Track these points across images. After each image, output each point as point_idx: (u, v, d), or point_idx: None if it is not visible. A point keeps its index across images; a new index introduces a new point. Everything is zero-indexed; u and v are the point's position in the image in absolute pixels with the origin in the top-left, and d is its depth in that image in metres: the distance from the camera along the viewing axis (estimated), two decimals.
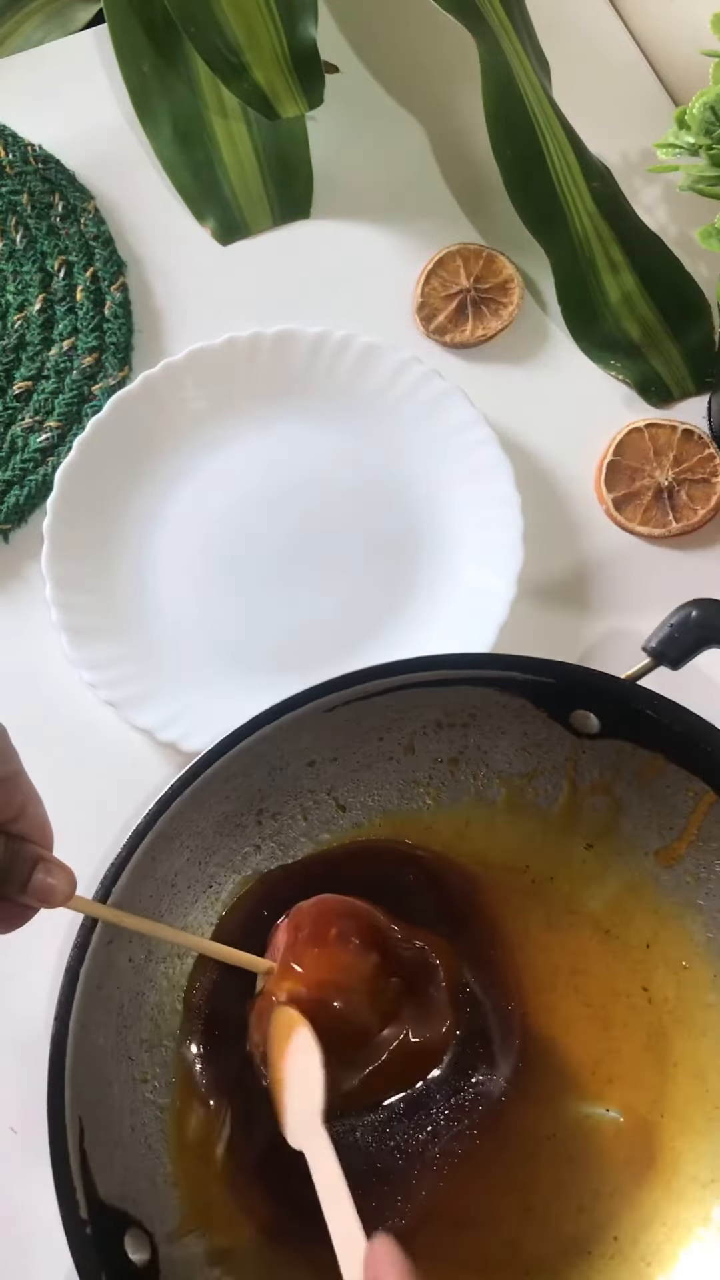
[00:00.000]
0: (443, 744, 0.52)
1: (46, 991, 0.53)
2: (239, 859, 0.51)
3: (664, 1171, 0.48)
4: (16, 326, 0.62)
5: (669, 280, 0.63)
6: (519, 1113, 0.49)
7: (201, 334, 0.59)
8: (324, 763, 0.51)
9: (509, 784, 0.52)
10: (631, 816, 0.51)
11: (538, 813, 0.52)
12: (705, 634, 0.48)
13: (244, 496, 0.59)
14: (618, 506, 0.60)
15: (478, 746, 0.52)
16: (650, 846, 0.51)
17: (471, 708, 0.50)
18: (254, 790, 0.50)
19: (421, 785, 0.53)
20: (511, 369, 0.64)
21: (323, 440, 0.60)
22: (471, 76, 0.57)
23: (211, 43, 0.58)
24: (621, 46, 0.69)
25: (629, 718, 0.48)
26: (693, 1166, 0.48)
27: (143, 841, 0.45)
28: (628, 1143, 0.49)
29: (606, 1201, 0.48)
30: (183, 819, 0.47)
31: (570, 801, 0.52)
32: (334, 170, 0.65)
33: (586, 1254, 0.47)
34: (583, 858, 0.52)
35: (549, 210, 0.61)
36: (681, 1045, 0.50)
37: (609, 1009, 0.50)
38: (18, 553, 0.60)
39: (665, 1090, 0.49)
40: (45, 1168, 0.43)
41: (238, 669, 0.57)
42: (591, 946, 0.51)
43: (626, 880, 0.51)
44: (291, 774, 0.51)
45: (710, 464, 0.60)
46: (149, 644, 0.57)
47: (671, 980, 0.50)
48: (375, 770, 0.52)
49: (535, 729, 0.51)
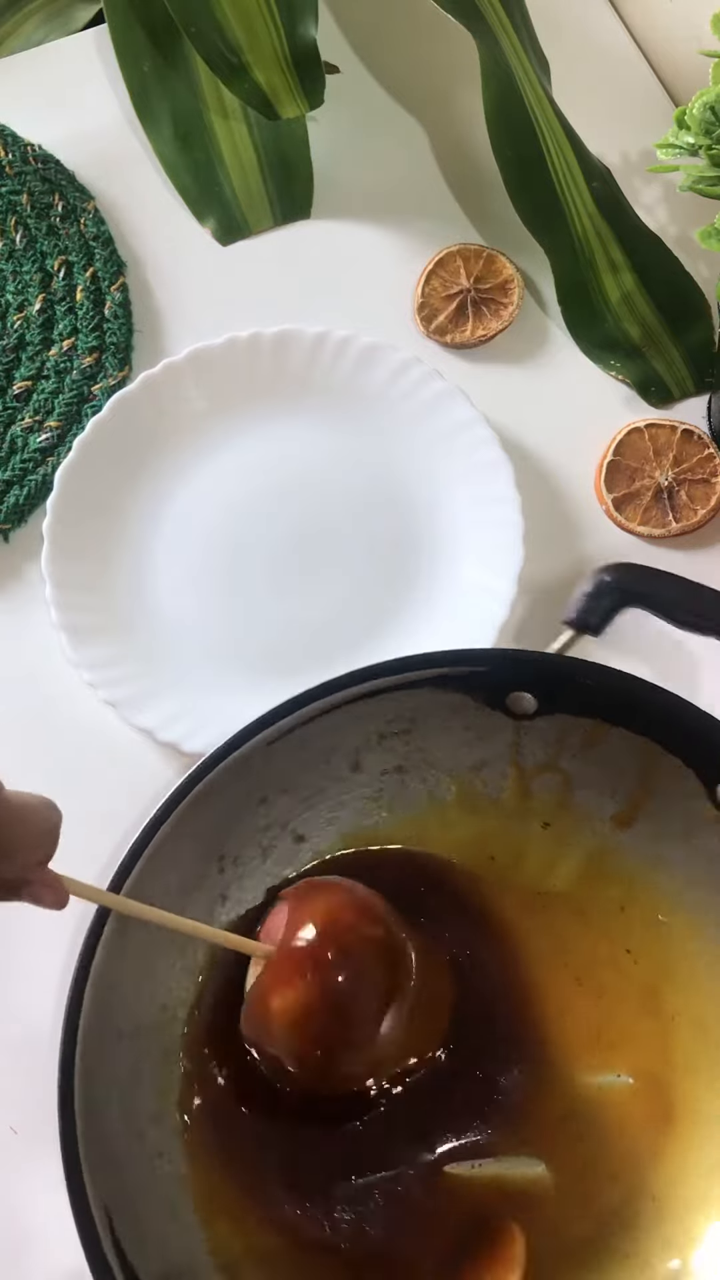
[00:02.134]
0: (388, 754, 0.52)
1: (47, 992, 0.53)
2: (207, 914, 0.50)
3: (684, 1120, 0.49)
4: (16, 326, 0.62)
5: (669, 280, 0.63)
6: (533, 1098, 0.49)
7: (201, 334, 0.59)
8: (275, 796, 0.51)
9: (458, 780, 0.52)
10: (582, 788, 0.51)
11: (491, 802, 0.52)
12: (621, 596, 0.49)
13: (244, 496, 0.59)
14: (618, 506, 0.60)
15: (422, 749, 0.52)
16: (606, 813, 0.51)
17: (410, 712, 0.50)
18: (211, 840, 0.49)
19: (374, 799, 0.53)
20: (511, 369, 0.64)
21: (323, 440, 0.60)
22: (471, 76, 0.57)
23: (212, 43, 0.58)
24: (621, 46, 0.69)
25: (562, 691, 0.49)
26: (711, 1107, 0.49)
27: (105, 924, 0.44)
28: (644, 1102, 0.49)
29: (636, 1166, 0.48)
30: (145, 885, 0.45)
31: (520, 785, 0.52)
32: (334, 170, 0.65)
33: (629, 1219, 0.48)
34: (542, 838, 0.52)
35: (549, 210, 0.61)
36: (674, 997, 0.50)
37: (598, 978, 0.51)
38: (18, 553, 0.60)
39: (668, 1044, 0.50)
40: (45, 1168, 0.43)
41: (238, 668, 0.57)
42: (569, 922, 0.51)
43: (589, 850, 0.52)
44: (245, 815, 0.50)
45: (710, 464, 0.60)
46: (149, 644, 0.57)
47: (652, 937, 0.51)
48: (327, 794, 0.52)
49: (475, 720, 0.50)
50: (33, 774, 0.57)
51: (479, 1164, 0.48)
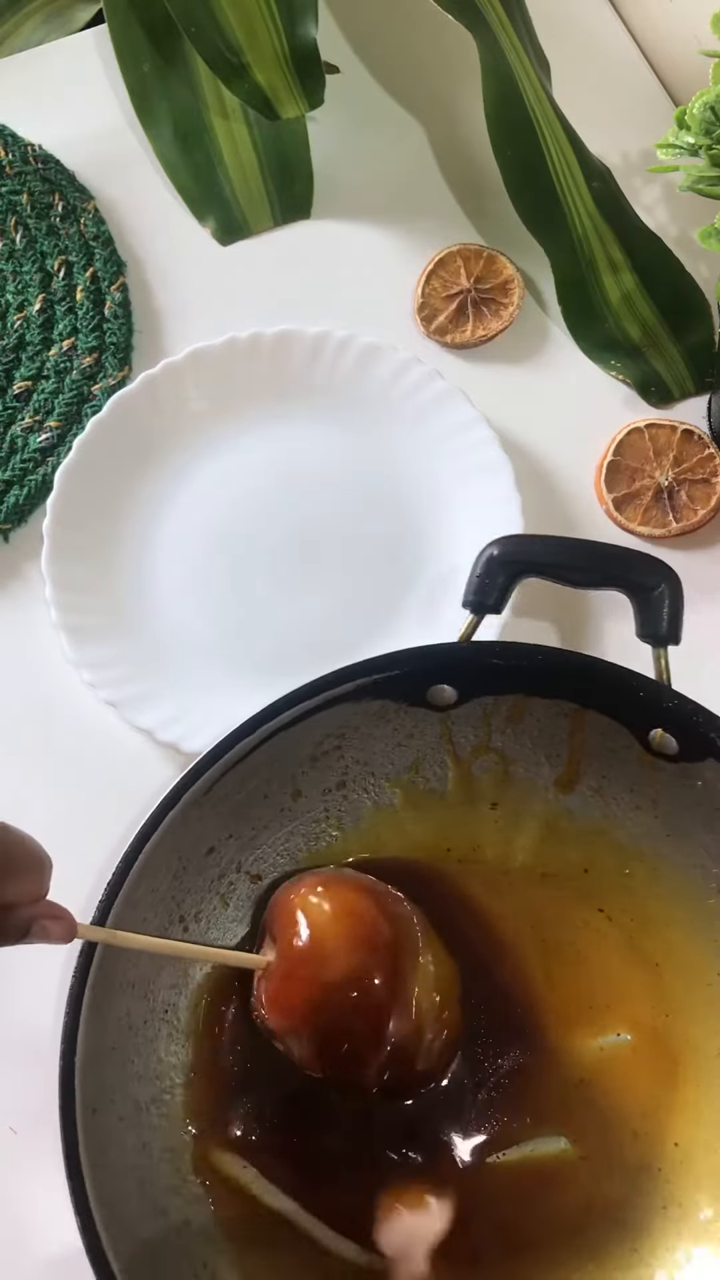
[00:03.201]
0: (325, 774, 0.52)
1: (47, 992, 0.53)
2: (182, 976, 0.49)
3: (691, 1065, 0.50)
4: (16, 326, 0.62)
5: (669, 280, 0.63)
6: (540, 1076, 0.50)
7: (201, 334, 0.59)
8: (222, 844, 0.50)
9: (399, 783, 0.53)
10: (519, 763, 0.52)
11: (436, 797, 0.53)
12: (511, 569, 0.50)
13: (244, 496, 0.59)
14: (618, 507, 0.60)
15: (357, 761, 0.52)
16: (547, 780, 0.52)
17: (337, 729, 0.50)
18: (168, 901, 0.48)
19: (322, 821, 0.53)
20: (511, 369, 0.64)
21: (323, 440, 0.60)
22: (471, 76, 0.57)
23: (212, 43, 0.58)
24: (621, 46, 0.69)
25: (477, 675, 0.49)
26: (711, 1045, 0.49)
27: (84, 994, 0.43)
28: (648, 1055, 0.50)
29: (653, 1118, 0.49)
30: (114, 959, 0.45)
31: (459, 774, 0.52)
32: (334, 170, 0.65)
33: (657, 1171, 0.48)
34: (493, 819, 0.53)
35: (549, 210, 0.61)
36: (653, 945, 0.51)
37: (577, 944, 0.51)
38: (18, 553, 0.60)
39: (659, 992, 0.50)
40: (45, 1168, 0.43)
41: (238, 669, 0.57)
42: (537, 895, 0.52)
43: (541, 821, 0.52)
44: (194, 871, 0.49)
45: (710, 464, 0.60)
46: (149, 644, 0.57)
47: (620, 891, 0.52)
48: (273, 829, 0.51)
49: (402, 721, 0.51)
50: (33, 774, 0.57)
51: (502, 1155, 0.48)
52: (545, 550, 0.51)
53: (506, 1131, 0.49)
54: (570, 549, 0.51)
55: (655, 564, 0.49)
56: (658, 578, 0.49)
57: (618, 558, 0.50)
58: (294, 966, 0.46)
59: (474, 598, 0.50)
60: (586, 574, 0.50)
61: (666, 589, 0.49)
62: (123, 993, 0.46)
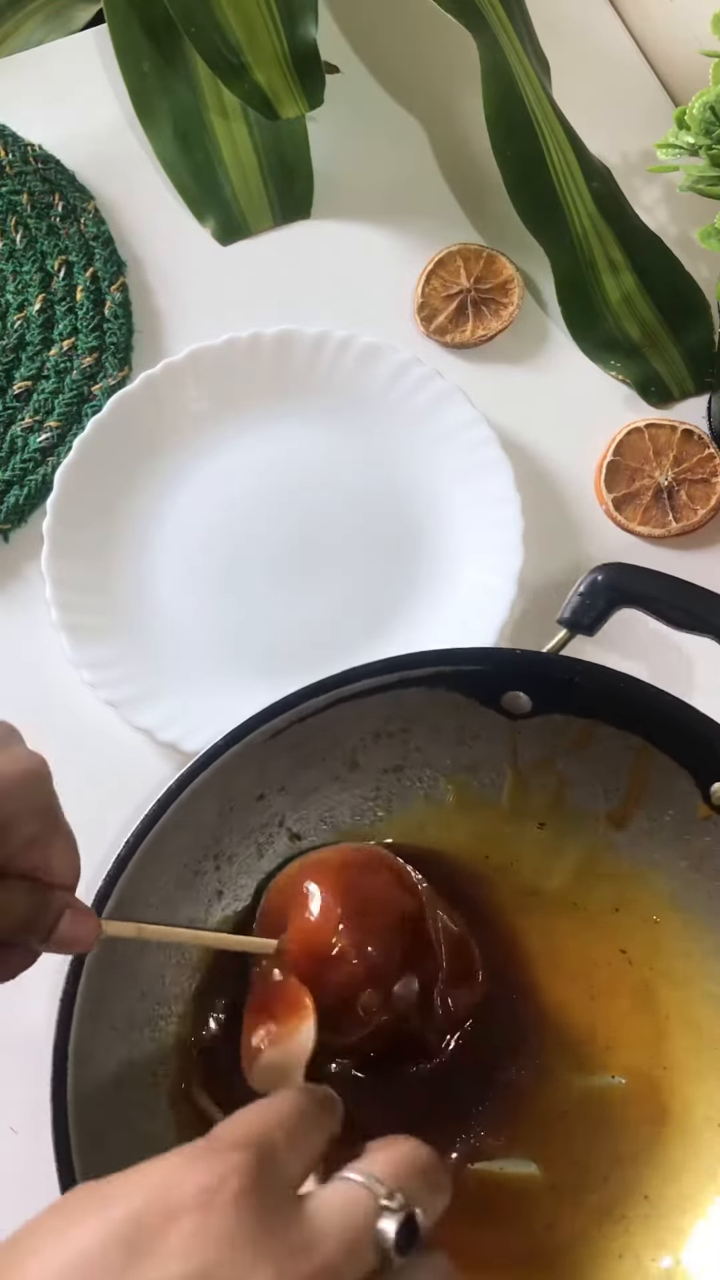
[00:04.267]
0: (385, 754, 0.51)
1: (46, 991, 0.53)
2: (203, 911, 0.50)
3: (678, 1122, 0.49)
4: (16, 326, 0.62)
5: (669, 280, 0.63)
6: (527, 1098, 0.49)
7: (201, 334, 0.59)
8: (272, 794, 0.50)
9: (454, 781, 0.52)
10: (577, 787, 0.51)
11: (487, 803, 0.52)
12: (614, 596, 0.50)
13: (244, 496, 0.59)
14: (618, 506, 0.60)
15: (419, 749, 0.52)
16: (600, 812, 0.51)
17: (407, 711, 0.50)
18: (208, 836, 0.49)
19: (371, 799, 0.52)
20: (511, 369, 0.64)
21: (323, 440, 0.60)
22: (471, 76, 0.57)
23: (211, 43, 0.58)
24: (621, 46, 0.69)
25: (557, 690, 0.49)
26: (705, 1109, 0.49)
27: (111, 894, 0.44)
28: (638, 1103, 0.49)
29: (630, 1165, 0.48)
30: (143, 875, 0.45)
31: (516, 785, 0.52)
32: (334, 170, 0.65)
33: (621, 1219, 0.48)
34: (537, 837, 0.52)
35: (549, 210, 0.61)
36: (668, 997, 0.50)
37: (592, 978, 0.51)
38: (18, 553, 0.60)
39: (662, 1045, 0.50)
40: (45, 1168, 0.43)
41: (238, 668, 0.57)
42: (563, 922, 0.51)
43: (583, 851, 0.52)
44: (241, 812, 0.50)
45: (710, 464, 0.60)
46: (149, 644, 0.57)
47: (646, 937, 0.51)
48: (323, 793, 0.52)
49: (471, 720, 0.50)
50: None
51: (471, 1165, 0.48)
52: (652, 585, 0.51)
53: (482, 1143, 0.48)
54: (677, 590, 0.51)
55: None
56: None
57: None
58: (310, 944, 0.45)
59: (570, 615, 0.50)
60: (688, 617, 0.50)
61: None
62: (145, 910, 0.46)
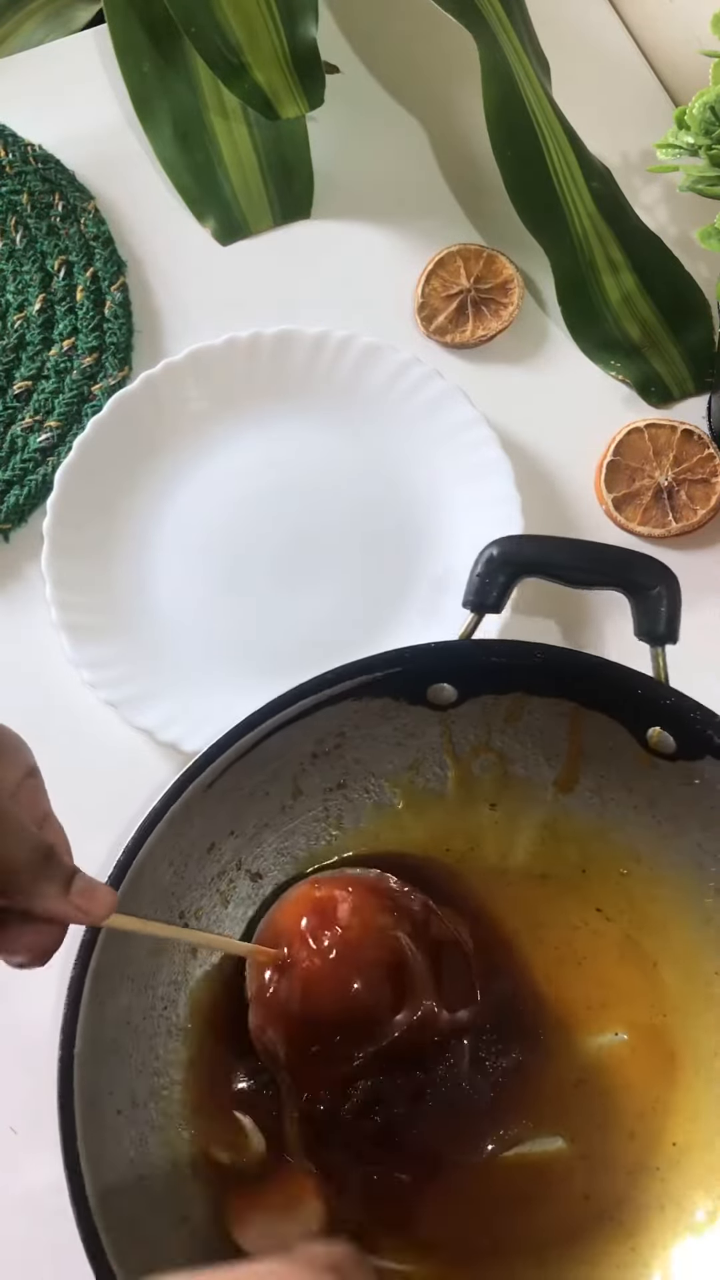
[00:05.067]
0: (326, 773, 0.52)
1: (47, 992, 0.53)
2: (180, 973, 0.49)
3: (689, 1063, 0.50)
4: (16, 326, 0.62)
5: (669, 280, 0.63)
6: (537, 1078, 0.50)
7: (201, 334, 0.59)
8: (223, 840, 0.50)
9: (399, 783, 0.53)
10: (519, 762, 0.52)
11: (435, 797, 0.53)
12: (512, 569, 0.50)
13: (244, 496, 0.59)
14: (618, 506, 0.60)
15: (357, 760, 0.52)
16: (546, 781, 0.52)
17: (337, 726, 0.50)
18: (169, 897, 0.49)
19: (322, 820, 0.53)
20: (511, 369, 0.64)
21: (323, 440, 0.60)
22: (471, 76, 0.57)
23: (211, 43, 0.58)
24: (621, 46, 0.69)
25: (477, 674, 0.49)
26: (711, 1042, 0.49)
27: (84, 988, 0.43)
28: (645, 1054, 0.50)
29: (651, 1117, 0.49)
30: (116, 950, 0.45)
31: (459, 774, 0.53)
32: (334, 170, 0.65)
33: (655, 1170, 0.48)
34: (492, 819, 0.53)
35: (549, 210, 0.61)
36: (651, 945, 0.51)
37: (575, 943, 0.51)
38: (18, 553, 0.60)
39: (656, 992, 0.50)
40: (45, 1167, 0.43)
41: (238, 669, 0.57)
42: (535, 895, 0.52)
43: (539, 821, 0.52)
44: (196, 866, 0.49)
45: (710, 464, 0.60)
46: (149, 644, 0.57)
47: (618, 891, 0.52)
48: (273, 827, 0.52)
49: (402, 721, 0.51)
50: None
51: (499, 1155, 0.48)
52: (544, 550, 0.51)
53: (504, 1132, 0.49)
54: (569, 549, 0.51)
55: (653, 564, 0.49)
56: (655, 578, 0.49)
57: (616, 558, 0.50)
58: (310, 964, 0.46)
59: (474, 597, 0.50)
60: (585, 574, 0.51)
61: (664, 589, 0.49)
62: (123, 986, 0.46)
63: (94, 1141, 0.43)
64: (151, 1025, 0.48)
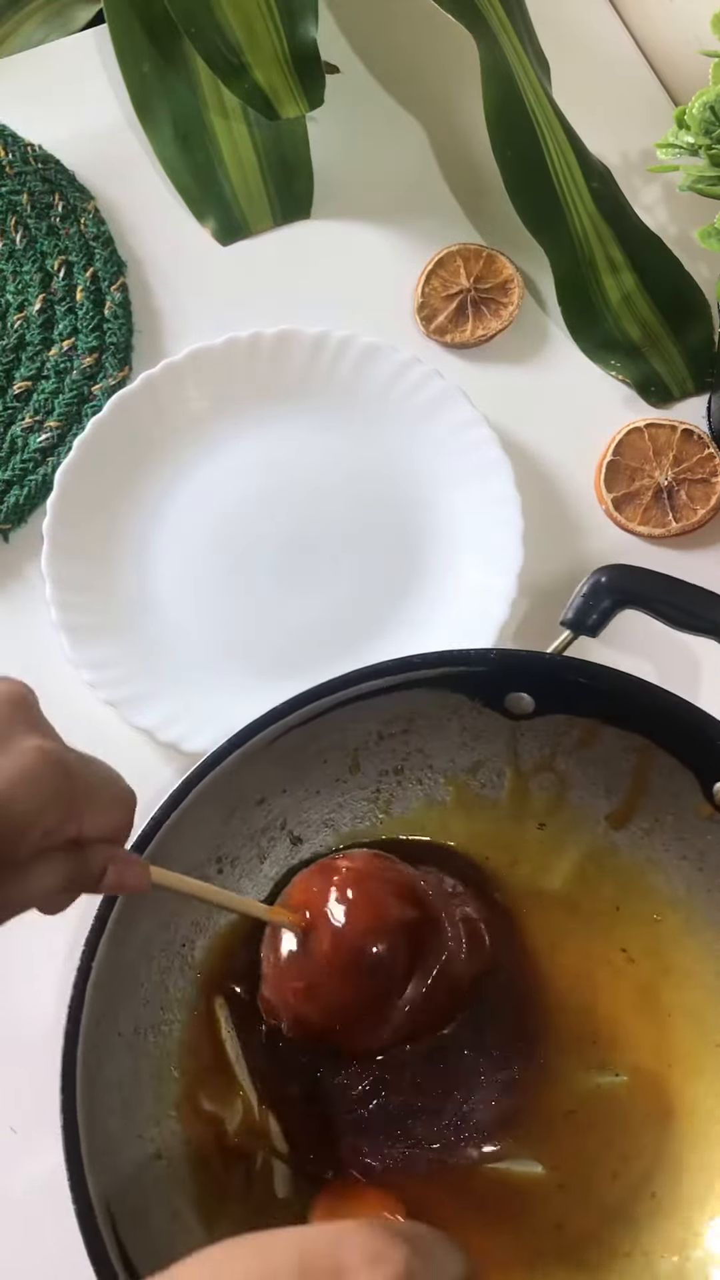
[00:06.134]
0: (386, 755, 0.52)
1: (47, 992, 0.53)
2: (204, 915, 0.50)
3: (684, 1117, 0.49)
4: (16, 326, 0.62)
5: (669, 280, 0.63)
6: (531, 1099, 0.49)
7: (201, 334, 0.59)
8: (274, 797, 0.51)
9: (455, 782, 0.53)
10: (578, 788, 0.52)
11: (487, 804, 0.53)
12: (617, 597, 0.50)
13: (244, 496, 0.59)
14: (618, 506, 0.60)
15: (419, 750, 0.52)
16: (601, 813, 0.52)
17: (408, 712, 0.50)
18: (211, 840, 0.49)
19: (371, 801, 0.53)
20: (511, 369, 0.64)
21: (323, 440, 0.60)
22: (471, 76, 0.57)
23: (212, 43, 0.58)
24: (621, 46, 0.69)
25: (560, 690, 0.49)
26: (710, 1104, 0.49)
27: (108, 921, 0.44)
28: (643, 1100, 0.49)
29: (637, 1162, 0.48)
30: None
31: (516, 786, 0.52)
32: (334, 170, 0.65)
33: (630, 1217, 0.48)
34: (538, 838, 0.52)
35: (549, 210, 0.61)
36: (670, 994, 0.50)
37: (594, 977, 0.51)
38: (18, 553, 0.60)
39: (665, 1041, 0.50)
40: (45, 1167, 0.43)
41: (238, 669, 0.57)
42: (563, 922, 0.51)
43: (584, 851, 0.52)
44: (243, 816, 0.50)
45: (710, 464, 0.60)
46: (149, 644, 0.57)
47: (647, 936, 0.51)
48: (324, 796, 0.52)
49: (472, 721, 0.51)
50: None
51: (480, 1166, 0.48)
52: (653, 586, 0.51)
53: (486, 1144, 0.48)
54: (687, 594, 0.51)
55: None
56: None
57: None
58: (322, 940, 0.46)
59: (574, 616, 0.50)
60: (690, 618, 0.51)
61: None
62: (147, 916, 0.47)
63: (91, 1059, 0.43)
64: (167, 960, 0.48)
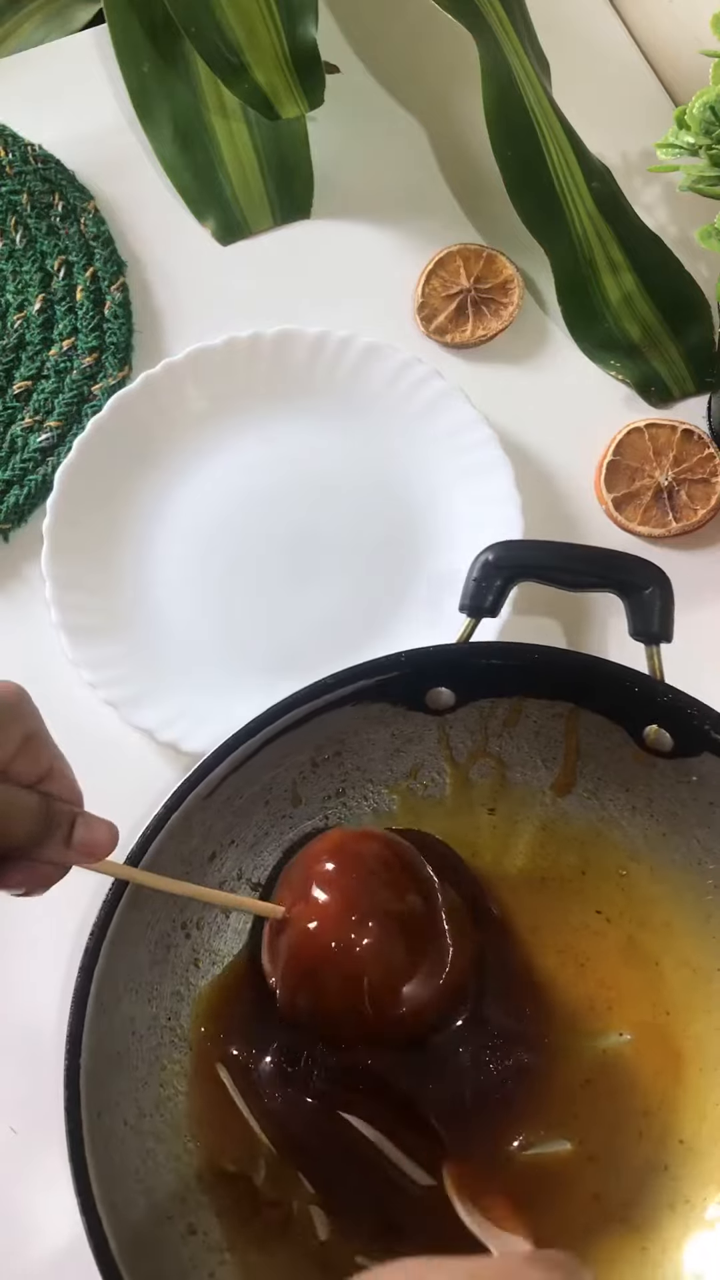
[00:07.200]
0: (325, 780, 0.52)
1: (48, 992, 0.53)
2: (182, 982, 0.49)
3: (694, 1061, 0.50)
4: (16, 326, 0.62)
5: (669, 280, 0.63)
6: (542, 1081, 0.50)
7: (201, 334, 0.59)
8: (223, 850, 0.50)
9: (398, 789, 0.53)
10: (516, 766, 0.52)
11: (434, 803, 0.53)
12: (508, 573, 0.50)
13: (244, 497, 0.59)
14: (618, 506, 0.60)
15: (356, 767, 0.52)
16: (544, 785, 0.52)
17: (337, 734, 0.50)
18: (171, 907, 0.48)
19: (321, 829, 0.52)
20: (511, 369, 0.64)
21: (323, 440, 0.60)
22: (471, 76, 0.57)
23: (212, 43, 0.58)
24: (621, 46, 0.69)
25: (476, 677, 0.49)
26: (716, 1040, 0.49)
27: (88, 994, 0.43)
28: (650, 1054, 0.50)
29: (658, 1116, 0.49)
30: (118, 957, 0.45)
31: (457, 779, 0.53)
32: (334, 170, 0.65)
33: (664, 1169, 0.48)
34: (491, 824, 0.53)
35: (549, 210, 0.61)
36: (653, 944, 0.51)
37: (577, 945, 0.51)
38: (18, 553, 0.60)
39: (659, 991, 0.51)
40: (45, 1168, 0.43)
41: (237, 669, 0.57)
42: (534, 899, 0.52)
43: (537, 824, 0.53)
44: (199, 875, 0.49)
45: (710, 464, 0.60)
46: (149, 644, 0.57)
47: (617, 893, 0.52)
48: (273, 835, 0.51)
49: (400, 726, 0.51)
50: None
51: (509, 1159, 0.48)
52: (538, 554, 0.52)
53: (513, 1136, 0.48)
54: (562, 553, 0.52)
55: (644, 565, 0.50)
56: (647, 578, 0.49)
57: (608, 560, 0.51)
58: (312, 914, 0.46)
59: (470, 601, 0.50)
60: (579, 577, 0.51)
61: (656, 589, 0.49)
62: (128, 995, 0.46)
63: (102, 1156, 0.42)
64: (156, 1036, 0.48)
